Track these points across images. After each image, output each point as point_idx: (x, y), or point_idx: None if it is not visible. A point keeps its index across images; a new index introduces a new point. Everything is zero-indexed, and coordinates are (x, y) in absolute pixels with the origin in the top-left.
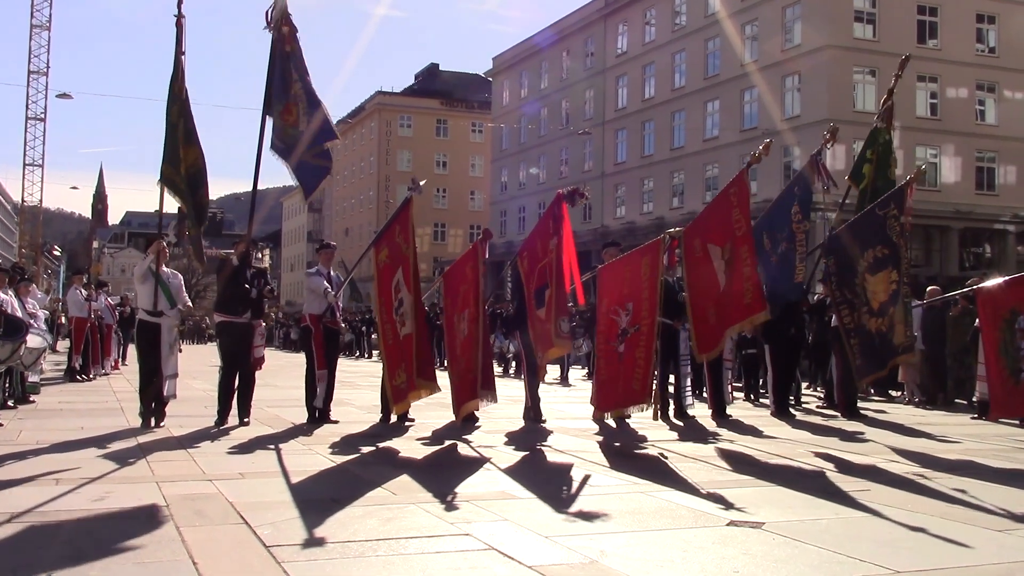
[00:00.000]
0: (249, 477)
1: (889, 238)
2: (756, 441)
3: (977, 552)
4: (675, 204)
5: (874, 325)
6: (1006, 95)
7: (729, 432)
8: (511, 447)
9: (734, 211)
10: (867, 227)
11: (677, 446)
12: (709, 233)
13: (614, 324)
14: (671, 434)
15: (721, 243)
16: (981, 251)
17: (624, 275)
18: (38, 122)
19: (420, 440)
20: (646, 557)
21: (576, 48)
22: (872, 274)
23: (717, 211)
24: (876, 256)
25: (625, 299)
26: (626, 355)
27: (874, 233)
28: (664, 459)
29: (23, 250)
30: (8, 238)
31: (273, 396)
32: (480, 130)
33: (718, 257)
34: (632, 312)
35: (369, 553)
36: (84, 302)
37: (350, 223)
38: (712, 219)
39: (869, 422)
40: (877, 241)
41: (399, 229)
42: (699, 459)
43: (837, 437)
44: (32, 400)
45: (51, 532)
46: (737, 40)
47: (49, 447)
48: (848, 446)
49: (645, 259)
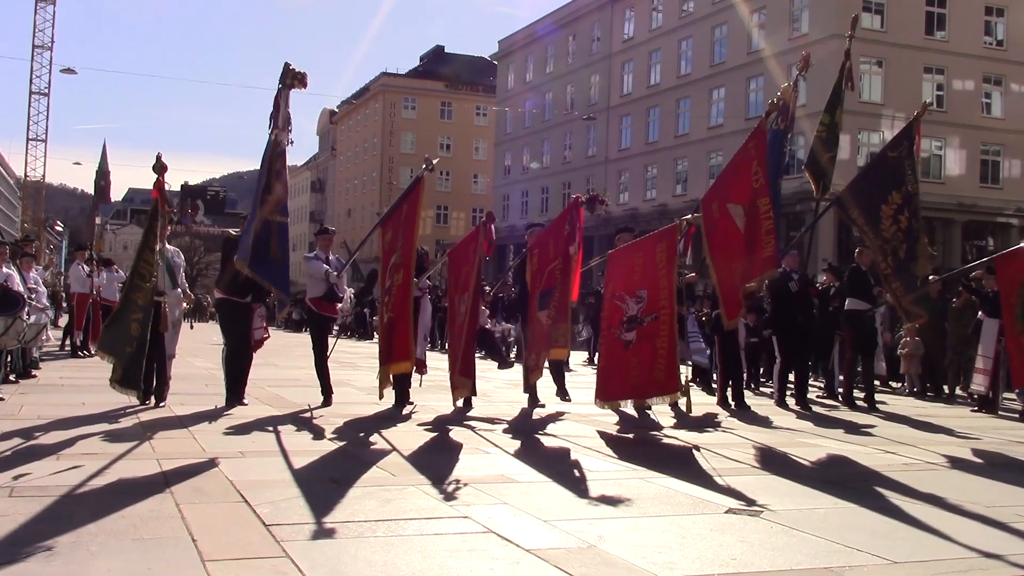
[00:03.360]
0: (249, 456)
1: (903, 181)
2: (757, 430)
3: (973, 544)
4: (678, 191)
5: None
6: (1013, 88)
7: (732, 420)
8: (511, 431)
9: (753, 164)
10: (884, 172)
11: (678, 433)
12: (728, 193)
13: (618, 310)
14: (668, 420)
15: (744, 201)
16: (984, 244)
17: (634, 261)
18: (42, 97)
19: (421, 424)
20: (644, 543)
21: (582, 33)
22: (902, 214)
23: (736, 169)
24: (904, 196)
25: (635, 286)
26: (642, 345)
27: (893, 175)
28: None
29: (26, 225)
30: (11, 213)
31: (274, 376)
32: (484, 113)
33: (740, 215)
34: (647, 300)
35: (368, 534)
36: (86, 278)
37: (353, 204)
38: (731, 179)
39: (872, 413)
40: (902, 182)
41: (407, 209)
42: (699, 446)
43: (838, 428)
44: (34, 375)
45: (51, 507)
46: (751, 24)
47: (50, 422)
48: (848, 437)
49: (661, 245)
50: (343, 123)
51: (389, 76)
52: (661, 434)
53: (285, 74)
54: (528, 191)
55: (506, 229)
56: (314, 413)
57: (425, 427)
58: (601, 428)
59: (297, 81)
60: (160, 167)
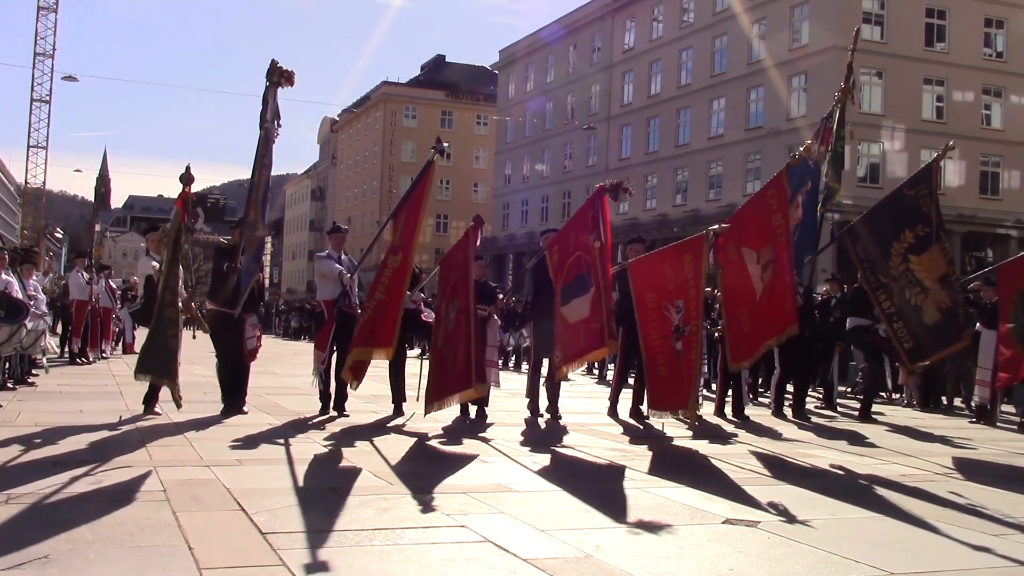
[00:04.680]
0: (247, 464)
1: (927, 216)
2: (755, 440)
3: (971, 555)
4: (678, 201)
5: (939, 300)
6: (1012, 100)
7: (731, 430)
8: (509, 441)
9: (774, 215)
10: (897, 209)
11: (677, 442)
12: (744, 236)
13: (666, 320)
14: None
15: (757, 247)
16: (983, 255)
17: (664, 270)
18: (43, 104)
19: (418, 433)
20: (641, 553)
21: (583, 43)
22: (918, 254)
23: (753, 213)
24: (918, 236)
25: (673, 296)
26: (685, 354)
27: (908, 213)
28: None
29: (25, 231)
30: (11, 219)
31: (273, 384)
32: (485, 123)
33: (753, 261)
34: (684, 310)
35: (365, 542)
36: (85, 285)
37: (353, 212)
38: (748, 221)
39: (870, 423)
40: (915, 220)
41: (414, 194)
42: (697, 457)
43: (837, 438)
44: (32, 382)
45: (47, 514)
46: (751, 35)
47: (48, 429)
48: (848, 447)
49: (688, 256)
50: (344, 131)
51: (390, 85)
52: (660, 444)
53: (272, 71)
54: (528, 200)
55: (506, 238)
56: (312, 421)
57: (422, 436)
58: (599, 437)
59: (284, 79)
60: (187, 178)
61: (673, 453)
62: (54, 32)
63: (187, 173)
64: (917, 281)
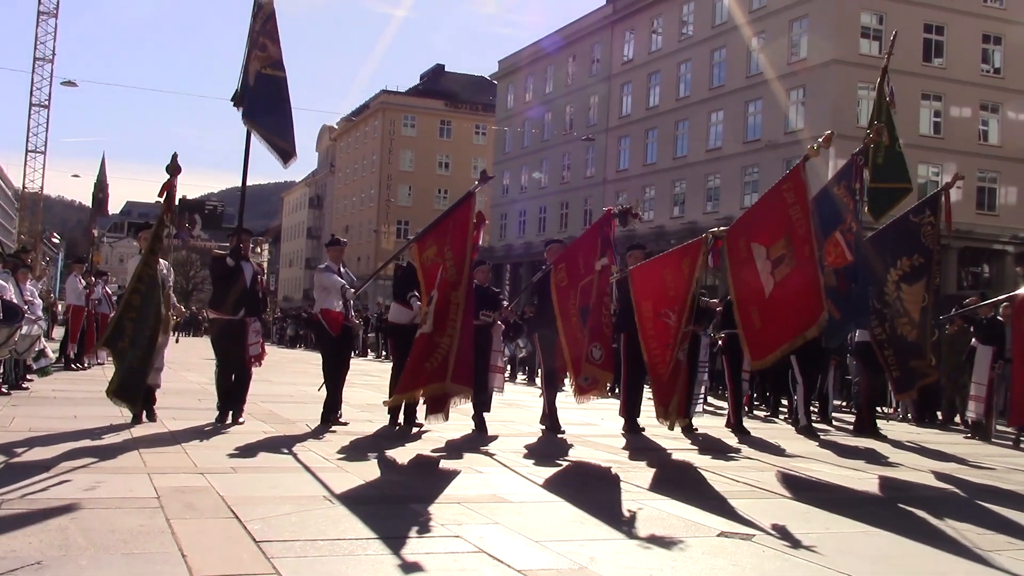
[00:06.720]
0: (241, 471)
1: (925, 247)
2: (753, 453)
3: (966, 570)
4: (676, 213)
5: (913, 336)
6: (1009, 116)
7: (735, 444)
8: (504, 451)
9: (791, 209)
10: (899, 235)
11: (675, 454)
12: (754, 232)
13: (667, 327)
14: (669, 443)
15: (767, 242)
16: (979, 271)
17: (664, 276)
18: (42, 109)
19: (414, 443)
20: (635, 565)
21: (583, 54)
22: (909, 284)
23: (766, 208)
24: (913, 265)
25: (672, 302)
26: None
27: (908, 241)
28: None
29: (22, 236)
30: (8, 224)
31: (268, 392)
32: (483, 132)
33: (762, 257)
34: (675, 317)
35: (359, 551)
36: (82, 291)
37: (350, 221)
38: (760, 217)
39: (876, 439)
40: (913, 250)
41: (453, 225)
42: (694, 470)
43: (832, 451)
44: (26, 387)
45: (40, 521)
46: (750, 48)
47: (42, 435)
48: (842, 461)
49: (686, 260)
50: (342, 140)
51: (389, 94)
52: (657, 455)
53: None
54: (526, 210)
55: (503, 248)
56: (308, 430)
57: (418, 446)
58: (594, 449)
59: None
60: (174, 168)
61: (671, 466)
62: (54, 37)
63: (173, 162)
64: (906, 311)
